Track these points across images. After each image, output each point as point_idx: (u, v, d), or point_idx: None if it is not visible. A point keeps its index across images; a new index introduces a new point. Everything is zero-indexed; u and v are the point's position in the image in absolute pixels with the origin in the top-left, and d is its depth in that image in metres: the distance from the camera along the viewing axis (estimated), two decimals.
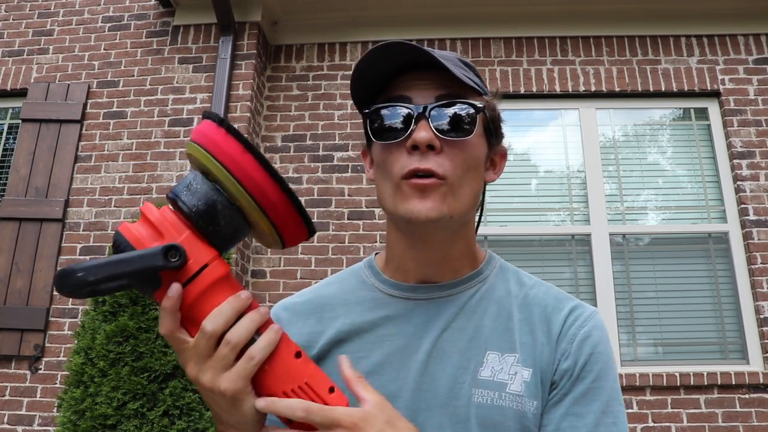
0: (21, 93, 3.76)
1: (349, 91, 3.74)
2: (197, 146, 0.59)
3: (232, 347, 0.56)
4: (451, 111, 0.71)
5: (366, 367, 0.74)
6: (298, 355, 0.60)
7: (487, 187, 0.89)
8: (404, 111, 0.71)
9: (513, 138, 3.77)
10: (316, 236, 3.47)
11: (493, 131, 0.78)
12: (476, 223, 0.84)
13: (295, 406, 0.57)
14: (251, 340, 0.57)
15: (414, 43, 0.72)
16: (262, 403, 0.58)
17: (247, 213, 0.59)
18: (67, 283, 0.53)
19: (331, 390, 0.60)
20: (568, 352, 0.72)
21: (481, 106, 0.73)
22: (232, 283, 0.59)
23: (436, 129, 0.70)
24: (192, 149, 0.60)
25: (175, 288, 0.55)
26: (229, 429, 0.62)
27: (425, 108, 0.71)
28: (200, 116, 3.54)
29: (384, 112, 0.73)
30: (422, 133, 0.69)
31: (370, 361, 0.74)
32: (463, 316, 0.76)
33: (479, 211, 0.85)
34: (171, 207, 0.59)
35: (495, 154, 0.82)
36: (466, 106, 0.72)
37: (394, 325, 0.76)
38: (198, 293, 0.56)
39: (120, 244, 0.56)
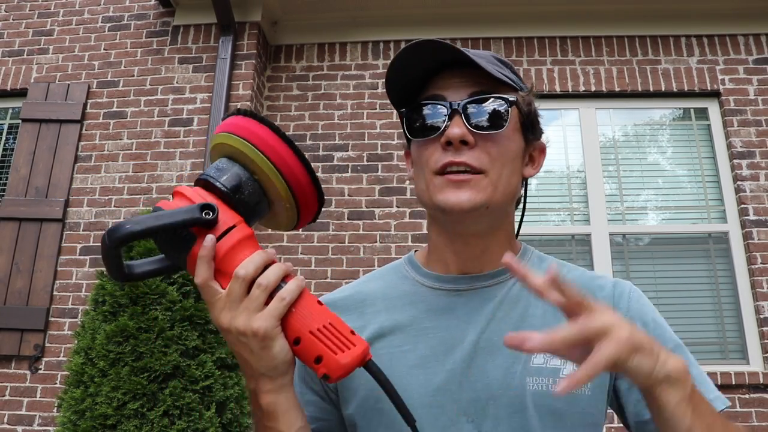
0: (21, 93, 3.76)
1: (349, 91, 3.74)
2: (228, 134, 0.67)
3: (264, 288, 0.61)
4: (483, 106, 0.73)
5: (410, 360, 0.74)
6: (320, 303, 0.66)
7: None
8: (438, 108, 0.73)
9: None
10: (316, 236, 3.47)
11: (529, 126, 0.79)
12: (518, 222, 0.86)
13: (567, 331, 0.53)
14: (278, 287, 0.63)
15: (446, 41, 0.73)
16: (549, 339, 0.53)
17: (268, 189, 0.67)
18: (117, 236, 0.59)
19: (352, 332, 0.65)
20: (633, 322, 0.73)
21: (513, 99, 0.74)
22: (256, 244, 0.66)
23: (470, 124, 0.72)
24: (222, 138, 0.68)
25: (210, 238, 0.62)
26: (259, 378, 0.65)
27: (459, 104, 0.72)
28: (199, 117, 3.54)
29: (419, 111, 0.75)
30: (455, 129, 0.71)
31: (414, 354, 0.74)
32: (507, 306, 0.76)
33: (522, 207, 0.88)
34: (201, 188, 0.67)
35: (533, 150, 0.83)
36: (498, 100, 0.73)
37: (437, 317, 0.76)
38: (228, 247, 0.63)
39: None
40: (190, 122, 3.56)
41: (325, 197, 3.52)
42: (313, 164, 3.59)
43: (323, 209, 3.52)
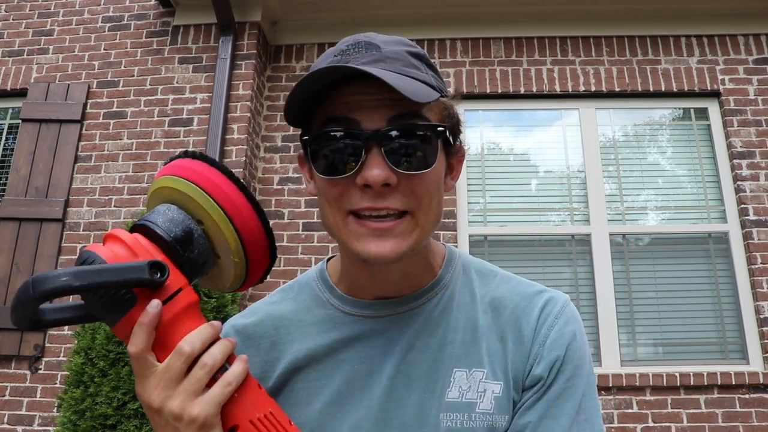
0: (21, 93, 3.76)
1: None
2: (173, 177, 0.59)
3: (209, 370, 0.54)
4: (408, 138, 0.61)
5: (326, 396, 0.69)
6: (260, 385, 0.59)
7: (488, 188, 0.84)
8: (352, 138, 0.61)
9: (513, 138, 3.77)
10: (315, 236, 3.47)
11: (453, 141, 0.68)
12: None
13: None
14: (221, 368, 0.56)
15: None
16: None
17: (216, 243, 0.60)
18: (47, 288, 0.50)
19: (290, 423, 0.59)
20: (540, 356, 0.68)
21: (442, 129, 0.64)
22: (200, 313, 0.58)
23: (392, 162, 0.60)
24: (166, 181, 0.60)
25: (156, 303, 0.54)
26: None
27: (376, 133, 0.60)
28: (199, 117, 3.53)
29: (327, 137, 0.62)
30: (375, 171, 0.59)
31: (330, 389, 0.69)
32: (426, 333, 0.70)
33: None
34: (141, 235, 0.58)
35: (453, 160, 0.71)
36: (426, 130, 0.62)
37: (353, 347, 0.70)
38: (172, 315, 0.55)
39: (93, 261, 0.54)
40: (190, 122, 3.55)
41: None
42: None
43: None
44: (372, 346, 0.70)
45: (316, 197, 0.71)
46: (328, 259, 0.80)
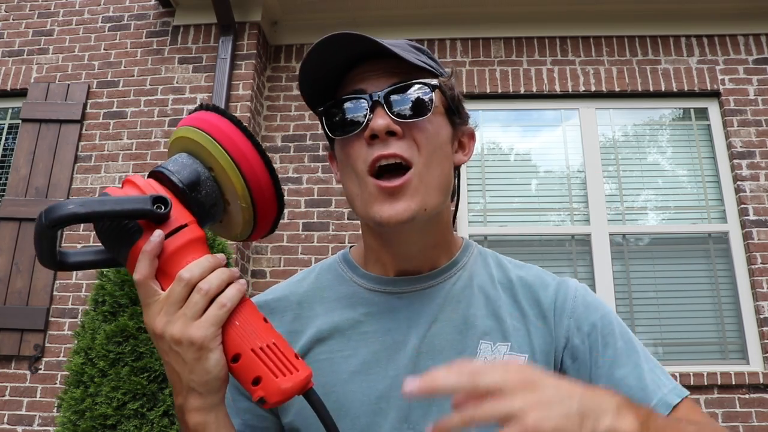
0: (21, 93, 3.76)
1: None
2: (188, 128, 0.63)
3: (205, 293, 0.57)
4: (405, 94, 0.70)
5: (352, 366, 0.71)
6: (266, 320, 0.61)
7: (488, 188, 0.87)
8: (358, 102, 0.70)
9: (513, 138, 3.78)
10: (315, 236, 3.47)
11: (455, 110, 0.76)
12: (453, 210, 0.83)
13: (454, 376, 0.46)
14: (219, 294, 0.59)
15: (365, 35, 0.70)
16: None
17: (226, 189, 0.63)
18: (55, 216, 0.54)
19: (296, 356, 0.60)
20: (575, 326, 0.72)
21: (435, 84, 0.72)
22: (206, 248, 0.61)
23: (393, 114, 0.69)
24: (182, 132, 0.64)
25: (158, 233, 0.57)
26: (189, 394, 0.59)
27: (379, 95, 0.69)
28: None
29: (338, 107, 0.71)
30: (379, 120, 0.68)
31: (356, 359, 0.72)
32: (449, 307, 0.74)
33: (455, 197, 0.84)
34: (154, 179, 0.62)
35: (462, 135, 0.79)
36: (419, 86, 0.70)
37: (377, 320, 0.74)
38: (176, 247, 0.58)
39: None
40: None
41: (325, 198, 3.52)
42: (313, 164, 3.59)
43: (323, 209, 3.54)
44: (396, 319, 0.73)
45: (316, 198, 0.74)
46: (351, 247, 0.85)
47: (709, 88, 3.63)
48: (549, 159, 3.71)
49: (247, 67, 3.57)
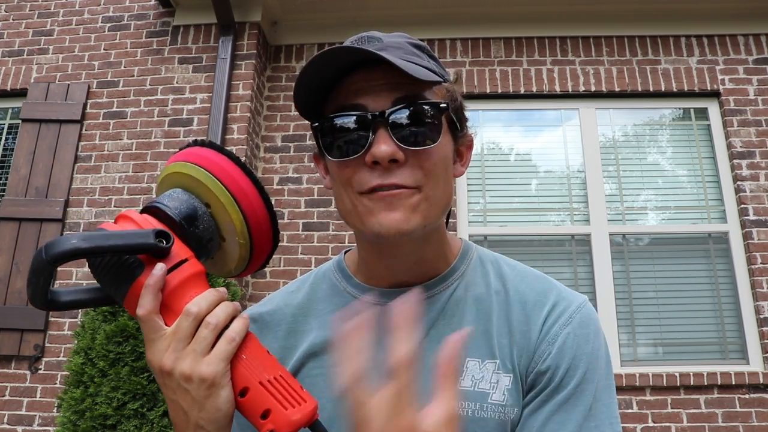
0: (21, 93, 3.76)
1: None
2: (183, 163, 0.62)
3: (213, 327, 0.55)
4: (412, 115, 0.64)
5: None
6: (268, 352, 0.61)
7: (488, 188, 0.85)
8: (359, 121, 0.64)
9: (513, 138, 3.78)
10: (315, 236, 3.47)
11: (458, 123, 0.70)
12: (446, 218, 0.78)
13: None
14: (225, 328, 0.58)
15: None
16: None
17: (223, 225, 0.62)
18: (58, 251, 0.52)
19: (301, 387, 0.60)
20: (548, 354, 0.67)
21: (444, 105, 0.66)
22: (207, 283, 0.60)
23: (398, 139, 0.63)
24: (176, 167, 0.63)
25: (161, 266, 0.56)
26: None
27: (382, 114, 0.63)
28: (199, 117, 3.54)
29: (336, 123, 0.65)
30: (383, 147, 0.62)
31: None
32: (441, 322, 0.71)
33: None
34: (150, 215, 0.61)
35: (461, 146, 0.74)
36: (428, 107, 0.65)
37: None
38: (179, 282, 0.57)
39: None
40: (190, 122, 3.56)
41: (325, 198, 3.51)
42: (313, 164, 3.59)
43: (323, 209, 3.54)
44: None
45: (316, 198, 0.72)
46: (346, 252, 0.82)
47: (709, 88, 3.63)
48: (549, 159, 3.71)
49: (247, 67, 3.57)
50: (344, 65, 0.65)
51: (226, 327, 0.57)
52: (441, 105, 0.65)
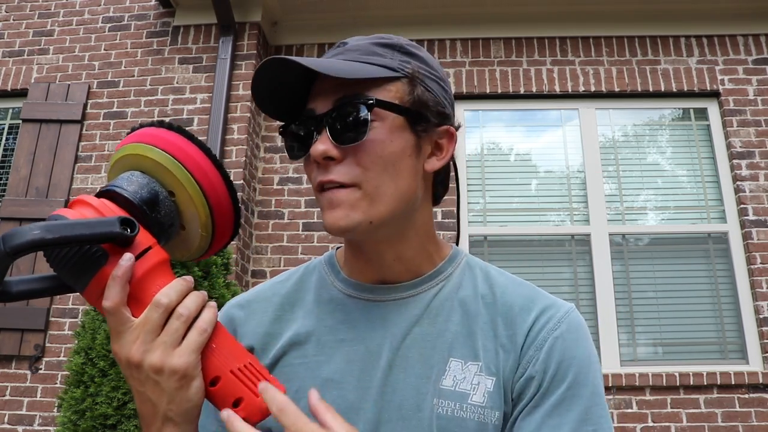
0: (21, 93, 3.77)
1: None
2: (144, 145, 0.59)
3: (185, 320, 0.55)
4: (340, 114, 0.66)
5: (325, 373, 0.70)
6: (235, 340, 0.60)
7: (488, 188, 0.85)
8: (305, 125, 0.68)
9: (513, 138, 3.78)
10: (315, 236, 3.48)
11: (418, 117, 0.69)
12: (456, 210, 0.80)
13: (274, 399, 0.54)
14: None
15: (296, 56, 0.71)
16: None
17: (184, 210, 0.60)
18: (19, 242, 0.48)
19: (269, 373, 0.60)
20: (535, 359, 0.67)
21: (371, 100, 0.65)
22: (171, 271, 0.59)
23: (333, 137, 0.65)
24: (134, 149, 0.60)
25: (129, 256, 0.54)
26: (165, 425, 0.56)
27: (321, 116, 0.66)
28: (199, 117, 3.54)
29: (289, 129, 0.70)
30: (319, 146, 0.65)
31: (330, 367, 0.70)
32: (426, 320, 0.71)
33: (457, 197, 0.83)
34: (108, 199, 0.58)
35: (438, 138, 0.72)
36: (354, 104, 0.65)
37: (354, 328, 0.72)
38: (144, 271, 0.55)
39: None
40: (190, 122, 3.56)
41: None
42: None
43: None
44: (372, 329, 0.71)
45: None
46: (338, 248, 0.83)
47: (708, 89, 3.63)
48: (549, 159, 3.71)
49: (247, 67, 3.58)
50: (295, 75, 0.68)
51: (196, 317, 0.56)
52: (368, 101, 0.65)
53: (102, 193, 0.58)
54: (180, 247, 0.64)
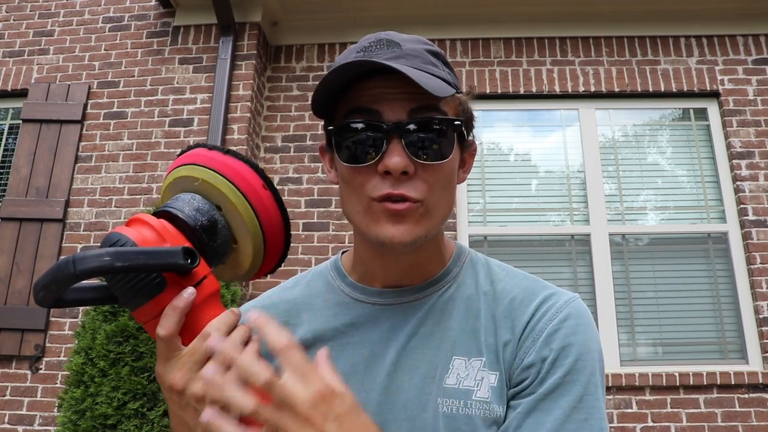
0: (21, 93, 3.77)
1: None
2: (201, 167, 0.61)
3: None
4: (427, 131, 0.65)
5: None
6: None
7: (488, 188, 0.85)
8: (375, 128, 0.65)
9: (513, 138, 3.78)
10: (316, 236, 3.48)
11: (465, 134, 0.71)
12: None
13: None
14: None
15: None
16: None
17: (235, 230, 0.62)
18: (89, 267, 0.50)
19: None
20: (533, 347, 0.67)
21: (459, 123, 0.67)
22: (220, 301, 0.60)
23: (411, 152, 0.64)
24: (189, 171, 0.61)
25: (191, 291, 0.56)
26: None
27: (398, 125, 0.64)
28: (199, 117, 3.54)
29: (351, 126, 0.66)
30: (395, 159, 0.63)
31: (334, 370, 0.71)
32: (430, 321, 0.72)
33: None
34: (167, 221, 0.59)
35: (465, 153, 0.75)
36: (443, 124, 0.66)
37: (359, 332, 0.73)
38: (198, 302, 0.57)
39: (124, 244, 0.55)
40: (191, 122, 3.56)
41: (325, 198, 3.52)
42: (313, 164, 3.60)
43: (323, 209, 3.54)
44: (377, 332, 0.73)
45: (316, 199, 0.73)
46: (343, 252, 0.83)
47: (708, 89, 3.64)
48: (549, 159, 3.71)
49: (247, 67, 3.58)
50: (360, 72, 0.66)
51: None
52: (455, 122, 0.66)
53: (161, 213, 0.59)
54: (234, 265, 0.66)
